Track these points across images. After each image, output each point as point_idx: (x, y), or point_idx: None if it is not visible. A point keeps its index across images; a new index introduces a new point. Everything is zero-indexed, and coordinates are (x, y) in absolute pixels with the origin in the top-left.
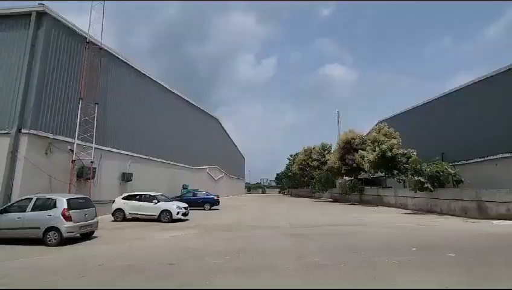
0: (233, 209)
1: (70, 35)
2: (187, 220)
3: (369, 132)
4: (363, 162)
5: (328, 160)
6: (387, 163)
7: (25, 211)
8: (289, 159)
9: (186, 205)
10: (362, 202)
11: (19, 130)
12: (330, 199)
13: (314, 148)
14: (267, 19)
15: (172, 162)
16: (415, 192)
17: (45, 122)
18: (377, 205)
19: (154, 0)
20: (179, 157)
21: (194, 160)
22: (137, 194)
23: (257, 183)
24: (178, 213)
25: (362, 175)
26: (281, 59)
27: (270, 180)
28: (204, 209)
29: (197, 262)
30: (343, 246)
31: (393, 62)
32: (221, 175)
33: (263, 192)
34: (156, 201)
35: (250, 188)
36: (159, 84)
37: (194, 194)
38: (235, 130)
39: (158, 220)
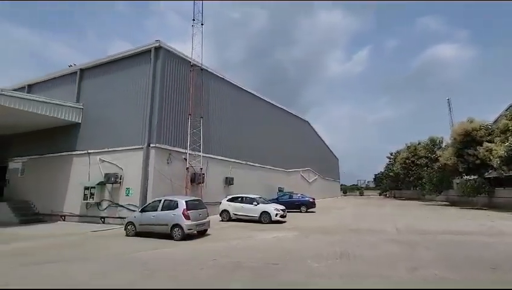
0: (331, 212)
1: (179, 61)
2: (285, 222)
3: (496, 120)
4: (491, 157)
5: (440, 156)
6: None
7: (156, 211)
8: (389, 158)
9: (284, 207)
10: (492, 206)
11: (148, 145)
12: (445, 202)
13: (419, 143)
14: (356, 9)
15: (267, 166)
16: None
17: (165, 137)
18: None
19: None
20: (274, 161)
21: (287, 163)
22: (239, 197)
23: (353, 185)
24: (276, 215)
25: (490, 173)
26: (374, 50)
27: (368, 182)
28: (300, 212)
29: (299, 264)
30: (471, 259)
31: None
32: (315, 177)
33: (361, 194)
34: (255, 203)
35: (346, 190)
36: (251, 93)
37: (290, 197)
38: (327, 130)
39: (259, 221)
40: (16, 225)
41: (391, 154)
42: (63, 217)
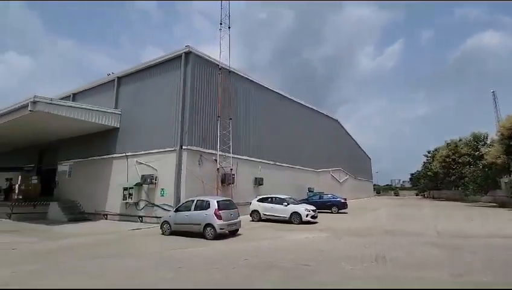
0: (364, 213)
1: (208, 65)
2: (316, 222)
3: None
4: None
5: (485, 154)
6: None
7: (190, 210)
8: (426, 156)
9: (314, 208)
10: None
11: (180, 147)
12: (492, 203)
13: (460, 140)
14: (387, 3)
15: (297, 166)
16: None
17: (196, 139)
18: None
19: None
20: (303, 161)
21: (317, 163)
22: (269, 197)
23: (387, 185)
24: (307, 215)
25: None
26: (408, 43)
27: (403, 181)
28: (331, 213)
29: (332, 266)
30: None
31: None
32: (346, 177)
33: (396, 194)
34: (285, 203)
35: (379, 191)
36: (279, 93)
37: (321, 197)
38: (358, 129)
39: (289, 221)
40: (65, 222)
41: (429, 152)
42: (105, 216)
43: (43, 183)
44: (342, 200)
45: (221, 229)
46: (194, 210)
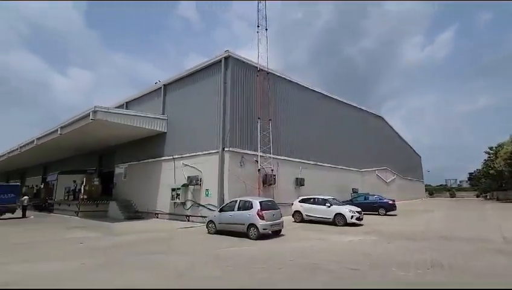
0: (414, 215)
1: (246, 67)
2: (362, 225)
3: None
4: None
5: None
6: None
7: (233, 210)
8: (488, 153)
9: (360, 209)
10: None
11: (223, 149)
12: None
13: None
14: None
15: (339, 166)
16: None
17: (237, 140)
18: None
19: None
20: (346, 161)
21: (361, 163)
22: (311, 198)
23: (441, 185)
24: (352, 217)
25: None
26: (461, 28)
27: (460, 181)
28: (378, 215)
29: (382, 271)
30: None
31: None
32: (393, 177)
33: (452, 195)
34: (328, 204)
35: (432, 191)
36: (318, 92)
37: (366, 198)
38: (406, 126)
39: (333, 223)
40: (122, 220)
41: (491, 148)
42: (157, 215)
43: (103, 185)
44: (390, 202)
45: (264, 229)
46: (237, 210)
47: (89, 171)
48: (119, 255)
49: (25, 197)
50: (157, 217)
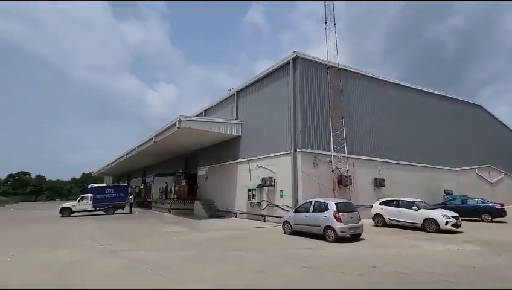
0: None
1: (315, 66)
2: (460, 232)
3: None
4: None
5: None
6: None
7: (308, 212)
8: None
9: (456, 214)
10: None
11: (295, 150)
12: None
13: None
14: None
15: (427, 165)
16: None
17: (309, 141)
18: None
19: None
20: (435, 159)
21: (455, 160)
22: (394, 200)
23: None
24: (447, 223)
25: None
26: None
27: None
28: (481, 221)
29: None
30: None
31: None
32: (499, 176)
33: None
34: (415, 208)
35: None
36: (398, 84)
37: (464, 201)
38: None
39: (422, 229)
40: (206, 218)
41: None
42: (235, 214)
43: (189, 185)
44: (497, 206)
45: (342, 232)
46: (313, 212)
47: (177, 174)
48: (205, 250)
49: (131, 196)
50: (236, 216)
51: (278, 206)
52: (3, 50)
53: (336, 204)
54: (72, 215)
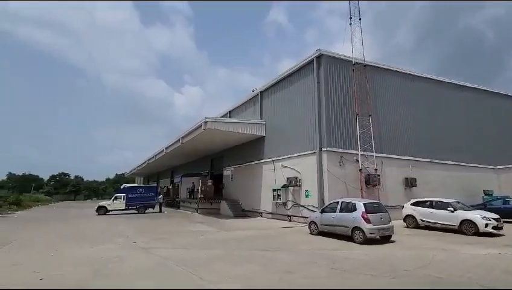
0: None
1: (340, 63)
2: (502, 235)
3: None
4: None
5: None
6: None
7: (335, 212)
8: None
9: (497, 216)
10: None
11: (320, 149)
12: None
13: None
14: None
15: (463, 163)
16: None
17: (335, 139)
18: None
19: None
20: (472, 157)
21: (495, 158)
22: (427, 201)
23: None
24: (486, 225)
25: None
26: None
27: None
28: None
29: None
30: None
31: None
32: None
33: None
34: (451, 209)
35: None
36: (429, 78)
37: (506, 202)
38: None
39: (458, 231)
40: (232, 217)
41: None
42: (261, 214)
43: (215, 185)
44: None
45: (371, 233)
46: (340, 212)
47: (204, 174)
48: (231, 249)
49: (160, 195)
50: (261, 216)
51: (303, 206)
52: (47, 61)
53: (364, 204)
54: (107, 213)
